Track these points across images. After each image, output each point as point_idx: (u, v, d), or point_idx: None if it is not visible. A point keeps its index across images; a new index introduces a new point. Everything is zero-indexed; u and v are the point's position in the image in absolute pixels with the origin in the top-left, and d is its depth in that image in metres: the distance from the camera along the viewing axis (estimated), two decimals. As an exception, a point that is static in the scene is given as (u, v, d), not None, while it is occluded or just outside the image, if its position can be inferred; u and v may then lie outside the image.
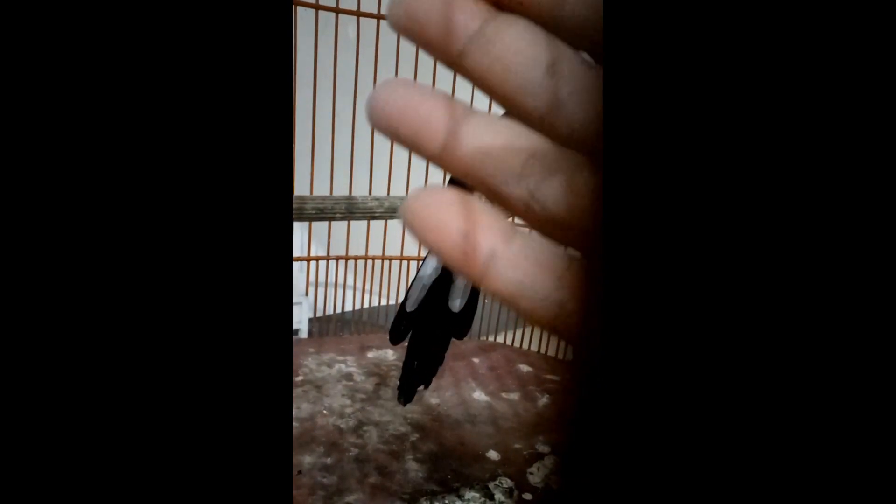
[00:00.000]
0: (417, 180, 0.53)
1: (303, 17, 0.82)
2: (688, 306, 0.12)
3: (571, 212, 0.14)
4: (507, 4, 0.13)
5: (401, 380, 0.67)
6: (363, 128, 1.05)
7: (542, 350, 1.06)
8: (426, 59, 0.93)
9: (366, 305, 1.08)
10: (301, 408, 0.76)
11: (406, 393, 0.67)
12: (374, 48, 0.91)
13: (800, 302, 0.12)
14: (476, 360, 0.97)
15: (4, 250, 0.21)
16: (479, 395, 0.84)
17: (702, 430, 0.12)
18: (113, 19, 0.22)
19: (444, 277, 0.64)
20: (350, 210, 0.90)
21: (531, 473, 0.66)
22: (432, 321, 0.65)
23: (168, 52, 0.23)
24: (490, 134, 0.14)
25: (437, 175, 0.87)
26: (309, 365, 0.89)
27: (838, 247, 0.12)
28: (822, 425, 0.12)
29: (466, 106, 0.14)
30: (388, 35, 0.91)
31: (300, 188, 0.97)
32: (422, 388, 0.68)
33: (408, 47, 0.97)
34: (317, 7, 0.88)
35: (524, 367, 0.96)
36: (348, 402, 0.79)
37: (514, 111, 0.14)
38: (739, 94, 0.12)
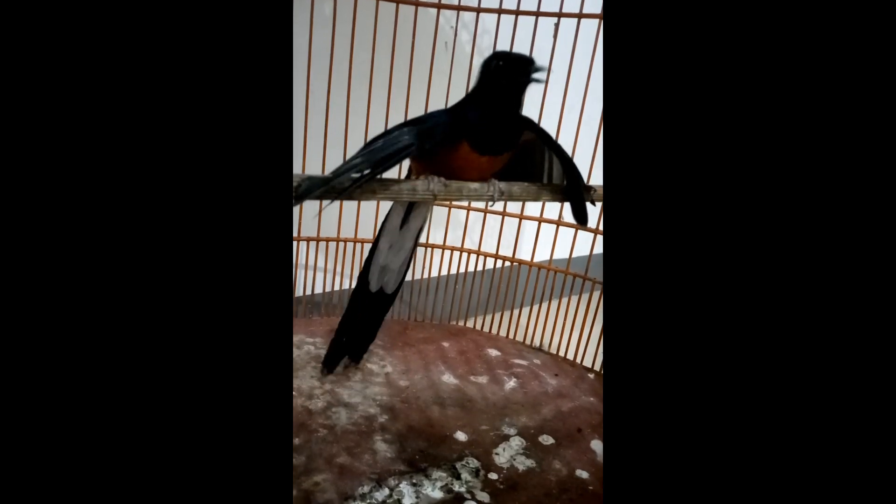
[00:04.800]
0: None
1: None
2: (684, 304, 0.13)
3: None
4: None
5: (327, 352, 0.78)
6: (358, 110, 1.03)
7: (510, 335, 1.07)
8: (401, 39, 0.92)
9: (336, 288, 1.07)
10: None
11: (330, 364, 0.77)
12: (350, 26, 0.90)
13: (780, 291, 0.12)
14: (446, 344, 0.98)
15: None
16: (447, 378, 0.85)
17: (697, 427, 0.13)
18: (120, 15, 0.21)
19: (368, 258, 0.71)
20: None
21: (497, 454, 0.67)
22: (356, 301, 0.73)
23: (169, 44, 0.22)
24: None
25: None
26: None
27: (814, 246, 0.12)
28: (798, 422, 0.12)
29: None
30: (366, 12, 0.90)
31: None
32: (349, 362, 0.81)
33: (387, 24, 0.95)
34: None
35: (492, 352, 0.98)
36: (317, 383, 0.78)
37: None
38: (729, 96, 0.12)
